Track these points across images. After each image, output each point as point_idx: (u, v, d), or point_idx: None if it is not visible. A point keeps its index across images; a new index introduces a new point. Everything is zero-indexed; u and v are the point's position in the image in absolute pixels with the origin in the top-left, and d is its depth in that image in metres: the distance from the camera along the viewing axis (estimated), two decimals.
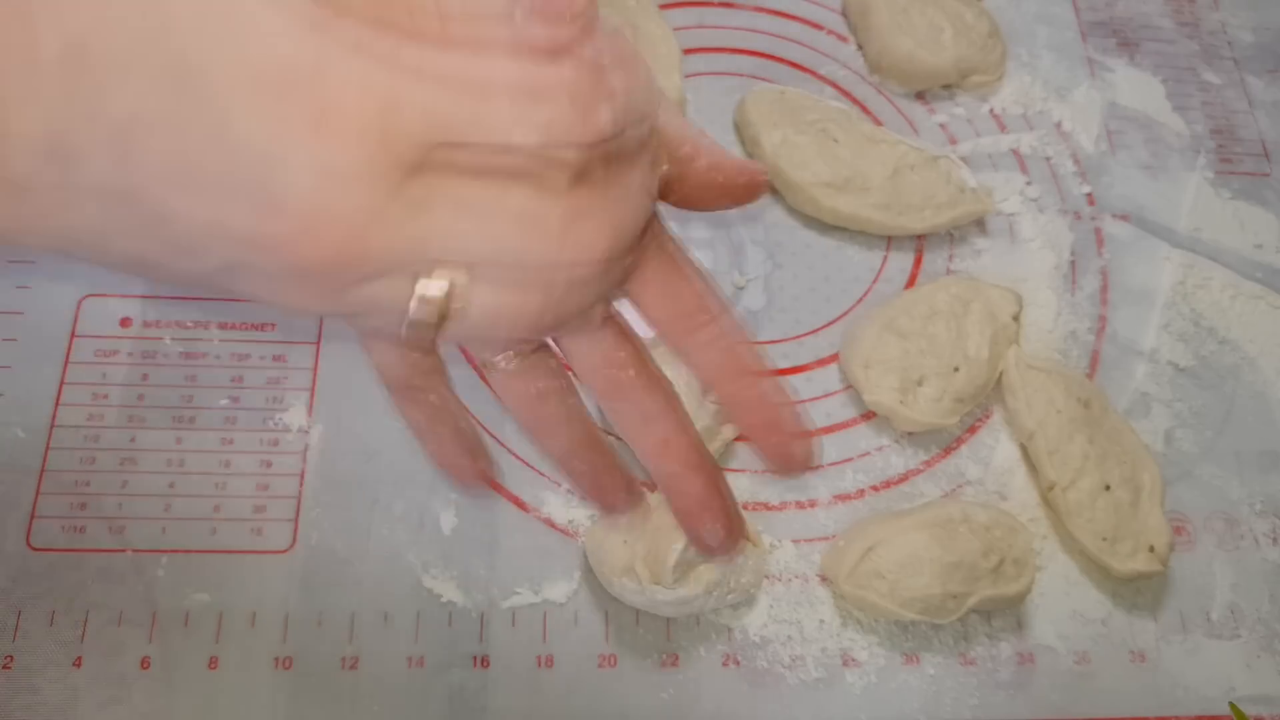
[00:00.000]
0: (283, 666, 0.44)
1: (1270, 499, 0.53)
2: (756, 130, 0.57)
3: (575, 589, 0.47)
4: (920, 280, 0.57)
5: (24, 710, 0.42)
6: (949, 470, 0.52)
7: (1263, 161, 0.63)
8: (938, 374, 0.51)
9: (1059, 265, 0.58)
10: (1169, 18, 0.67)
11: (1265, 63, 0.66)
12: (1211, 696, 0.48)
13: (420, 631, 0.46)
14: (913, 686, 0.47)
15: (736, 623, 0.47)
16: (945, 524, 0.47)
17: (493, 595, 0.47)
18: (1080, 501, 0.49)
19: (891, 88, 0.62)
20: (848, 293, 0.56)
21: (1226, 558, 0.51)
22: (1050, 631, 0.48)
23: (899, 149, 0.56)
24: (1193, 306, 0.57)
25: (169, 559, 0.46)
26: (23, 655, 0.43)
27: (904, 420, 0.51)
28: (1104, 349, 0.56)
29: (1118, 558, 0.48)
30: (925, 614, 0.46)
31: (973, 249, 0.58)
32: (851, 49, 0.64)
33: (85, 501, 0.47)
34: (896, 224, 0.56)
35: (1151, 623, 0.49)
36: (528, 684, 0.45)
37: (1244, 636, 0.49)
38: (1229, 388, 0.55)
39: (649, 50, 0.57)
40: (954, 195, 0.56)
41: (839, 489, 0.51)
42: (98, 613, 0.45)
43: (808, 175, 0.56)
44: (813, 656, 0.47)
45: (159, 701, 0.43)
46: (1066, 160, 0.61)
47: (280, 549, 0.47)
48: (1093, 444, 0.50)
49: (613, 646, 0.46)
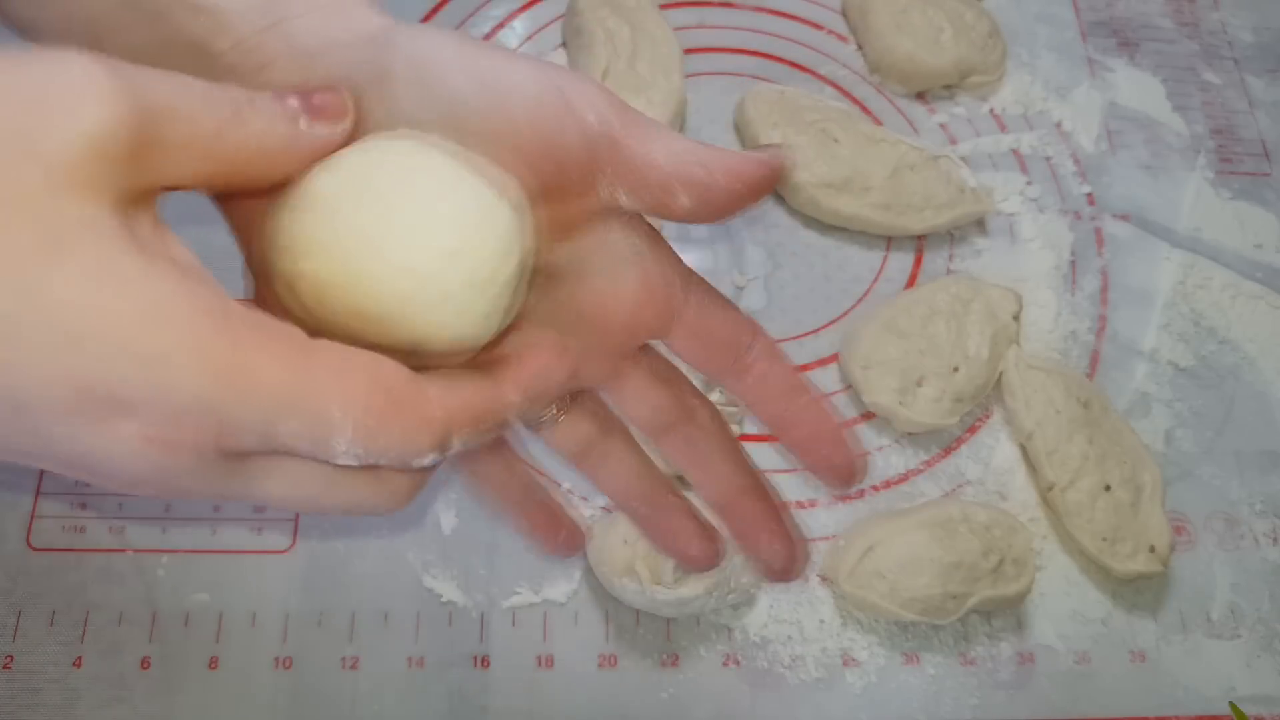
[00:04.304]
0: (283, 666, 0.44)
1: (1270, 499, 0.53)
2: (756, 130, 0.57)
3: (575, 589, 0.47)
4: (920, 280, 0.57)
5: (24, 710, 0.42)
6: (949, 470, 0.52)
7: (1263, 161, 0.63)
8: (937, 374, 0.51)
9: (1059, 265, 0.58)
10: (1169, 18, 0.67)
11: (1265, 63, 0.66)
12: (1211, 696, 0.48)
13: (420, 631, 0.46)
14: (913, 686, 0.47)
15: (736, 623, 0.47)
16: (945, 524, 0.47)
17: (493, 595, 0.47)
18: (1080, 502, 0.49)
19: (891, 88, 0.62)
20: (848, 293, 0.56)
21: (1226, 558, 0.51)
22: (1050, 631, 0.48)
23: (899, 149, 0.56)
24: (1193, 306, 0.57)
25: (169, 559, 0.46)
26: (23, 655, 0.43)
27: (904, 421, 0.51)
28: (1104, 349, 0.56)
29: (1118, 558, 0.48)
30: (925, 614, 0.46)
31: (973, 249, 0.58)
32: (851, 49, 0.64)
33: (85, 501, 0.47)
34: (896, 224, 0.56)
35: (1151, 623, 0.49)
36: (528, 684, 0.45)
37: (1244, 636, 0.49)
38: (1229, 388, 0.55)
39: (649, 50, 0.57)
40: (954, 195, 0.56)
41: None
42: (98, 613, 0.45)
43: (808, 175, 0.56)
44: (813, 656, 0.47)
45: (159, 701, 0.43)
46: (1066, 160, 0.61)
47: (280, 549, 0.47)
48: (1092, 444, 0.50)
49: (613, 646, 0.46)
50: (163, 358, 0.22)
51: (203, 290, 0.23)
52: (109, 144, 0.22)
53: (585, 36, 0.58)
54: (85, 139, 0.22)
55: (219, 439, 0.23)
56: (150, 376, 0.22)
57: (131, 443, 0.23)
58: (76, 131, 0.22)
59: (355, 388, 0.25)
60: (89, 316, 0.21)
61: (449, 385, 0.27)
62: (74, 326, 0.21)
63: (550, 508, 0.38)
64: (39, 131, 0.22)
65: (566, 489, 0.49)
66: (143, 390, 0.22)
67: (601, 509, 0.49)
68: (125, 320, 0.22)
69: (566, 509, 0.39)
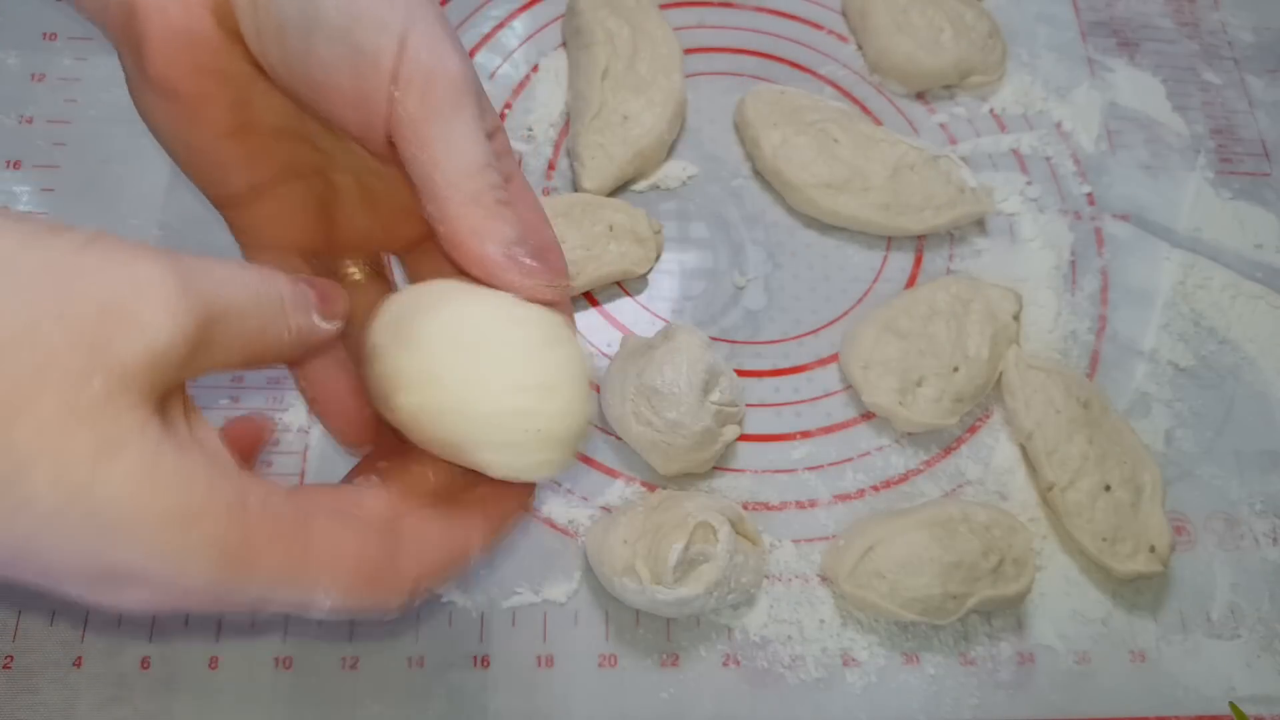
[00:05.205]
0: (283, 666, 0.44)
1: (1270, 499, 0.53)
2: (756, 130, 0.57)
3: (575, 589, 0.47)
4: (920, 280, 0.57)
5: (24, 710, 0.42)
6: (949, 470, 0.52)
7: (1263, 161, 0.63)
8: (937, 374, 0.51)
9: (1059, 265, 0.58)
10: (1169, 18, 0.67)
11: (1265, 63, 0.66)
12: (1211, 696, 0.48)
13: (420, 631, 0.46)
14: (913, 686, 0.47)
15: (736, 623, 0.47)
16: (945, 523, 0.47)
17: (493, 595, 0.47)
18: (1079, 502, 0.49)
19: (891, 88, 0.62)
20: (848, 293, 0.56)
21: (1226, 558, 0.51)
22: (1050, 631, 0.48)
23: (899, 149, 0.56)
24: (1193, 306, 0.57)
25: None
26: (23, 655, 0.43)
27: (903, 421, 0.51)
28: (1104, 349, 0.56)
29: (1118, 558, 0.48)
30: (925, 614, 0.46)
31: (973, 249, 0.58)
32: (851, 49, 0.64)
33: None
34: (896, 224, 0.56)
35: (1151, 623, 0.49)
36: (528, 684, 0.45)
37: (1244, 636, 0.49)
38: (1229, 388, 0.55)
39: (649, 50, 0.57)
40: (954, 195, 0.56)
41: (839, 489, 0.51)
42: (98, 613, 0.45)
43: (808, 175, 0.56)
44: (813, 656, 0.47)
45: (159, 701, 0.43)
46: (1066, 160, 0.61)
47: None
48: (1092, 444, 0.50)
49: (613, 646, 0.46)
50: (184, 553, 0.25)
51: (225, 485, 0.26)
52: (171, 355, 0.25)
53: (585, 36, 0.58)
54: (150, 353, 0.24)
55: (216, 607, 0.27)
56: (170, 567, 0.25)
57: (137, 604, 0.26)
58: (144, 345, 0.24)
59: (343, 563, 0.28)
60: (126, 514, 0.24)
61: (422, 539, 0.30)
62: (112, 522, 0.24)
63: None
64: (110, 342, 0.24)
65: (566, 489, 0.49)
66: (161, 576, 0.25)
67: (601, 509, 0.49)
68: (157, 519, 0.24)
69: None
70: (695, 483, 0.50)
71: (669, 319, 0.54)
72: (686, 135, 0.59)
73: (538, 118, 0.59)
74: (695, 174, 0.58)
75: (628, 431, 0.48)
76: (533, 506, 0.33)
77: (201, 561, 0.25)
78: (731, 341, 0.54)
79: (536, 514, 0.48)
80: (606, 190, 0.55)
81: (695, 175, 0.58)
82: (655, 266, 0.55)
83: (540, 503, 0.49)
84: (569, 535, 0.48)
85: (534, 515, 0.48)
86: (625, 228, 0.53)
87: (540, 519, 0.48)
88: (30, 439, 0.23)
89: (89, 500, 0.23)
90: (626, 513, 0.46)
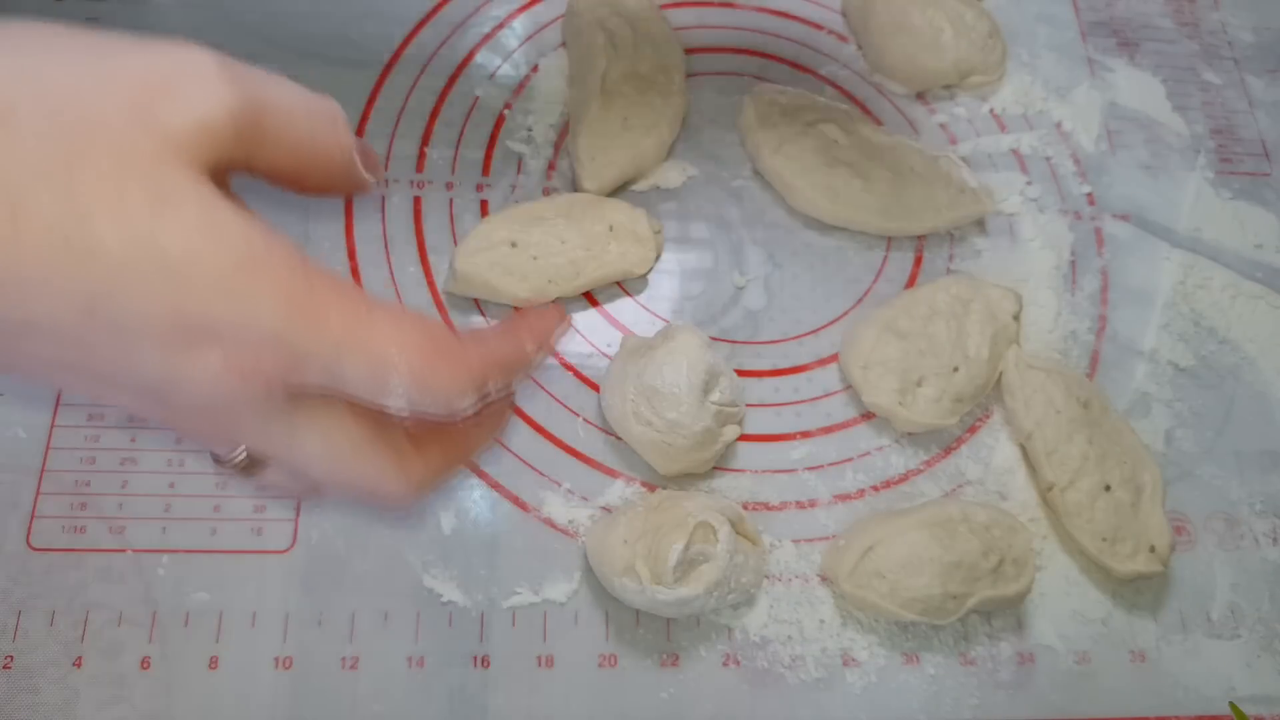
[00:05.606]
0: (283, 666, 0.44)
1: (1270, 499, 0.53)
2: (757, 131, 0.57)
3: (575, 589, 0.47)
4: (920, 280, 0.57)
5: (24, 710, 0.42)
6: (949, 470, 0.52)
7: (1263, 161, 0.63)
8: (937, 374, 0.51)
9: (1059, 265, 0.58)
10: (1169, 18, 0.67)
11: (1265, 63, 0.66)
12: (1211, 696, 0.48)
13: (420, 631, 0.46)
14: (913, 686, 0.47)
15: (736, 623, 0.47)
16: (945, 523, 0.47)
17: (493, 595, 0.47)
18: (1079, 502, 0.49)
19: (891, 88, 0.62)
20: (848, 293, 0.56)
21: (1226, 558, 0.51)
22: (1050, 631, 0.48)
23: (899, 149, 0.56)
24: (1193, 306, 0.57)
25: (169, 559, 0.46)
26: (23, 655, 0.43)
27: (903, 421, 0.51)
28: (1104, 349, 0.56)
29: (1118, 558, 0.48)
30: (925, 614, 0.46)
31: (973, 249, 0.58)
32: (851, 49, 0.64)
33: (85, 501, 0.47)
34: (897, 224, 0.56)
35: (1151, 623, 0.49)
36: (528, 684, 0.45)
37: (1244, 636, 0.49)
38: (1229, 388, 0.55)
39: (649, 50, 0.57)
40: (954, 195, 0.56)
41: (839, 489, 0.51)
42: (98, 613, 0.45)
43: (808, 176, 0.56)
44: (813, 656, 0.47)
45: (159, 701, 0.43)
46: (1066, 160, 0.61)
47: (280, 549, 0.47)
48: (1092, 444, 0.50)
49: (613, 646, 0.46)
50: (251, 296, 0.26)
51: (284, 241, 0.27)
52: (217, 129, 0.26)
53: (585, 36, 0.58)
54: (197, 123, 0.26)
55: (290, 372, 0.27)
56: (239, 311, 0.26)
57: (213, 369, 0.26)
58: (191, 116, 0.26)
59: (409, 336, 0.29)
60: (190, 260, 0.25)
61: (481, 341, 0.32)
62: (176, 268, 0.25)
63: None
64: (159, 109, 0.25)
65: (566, 489, 0.49)
66: (231, 323, 0.26)
67: (601, 509, 0.49)
68: (221, 264, 0.25)
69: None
70: (695, 483, 0.50)
71: (669, 319, 0.54)
72: (686, 135, 0.59)
73: (538, 118, 0.59)
74: (695, 174, 0.58)
75: (628, 431, 0.48)
76: (567, 318, 0.38)
77: (270, 305, 0.26)
78: (731, 341, 0.54)
79: (537, 513, 0.48)
80: (606, 190, 0.55)
81: (695, 175, 0.58)
82: (655, 266, 0.55)
83: (540, 503, 0.49)
84: (569, 535, 0.48)
85: (535, 512, 0.48)
86: (625, 228, 0.53)
87: (540, 519, 0.48)
88: (88, 190, 0.24)
89: (154, 250, 0.24)
90: (626, 513, 0.46)
